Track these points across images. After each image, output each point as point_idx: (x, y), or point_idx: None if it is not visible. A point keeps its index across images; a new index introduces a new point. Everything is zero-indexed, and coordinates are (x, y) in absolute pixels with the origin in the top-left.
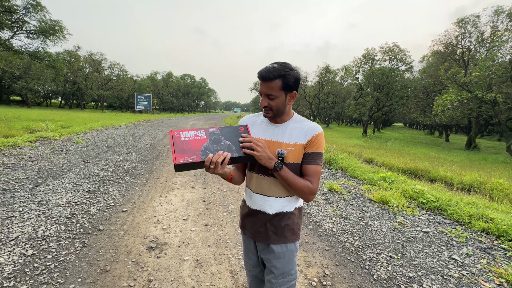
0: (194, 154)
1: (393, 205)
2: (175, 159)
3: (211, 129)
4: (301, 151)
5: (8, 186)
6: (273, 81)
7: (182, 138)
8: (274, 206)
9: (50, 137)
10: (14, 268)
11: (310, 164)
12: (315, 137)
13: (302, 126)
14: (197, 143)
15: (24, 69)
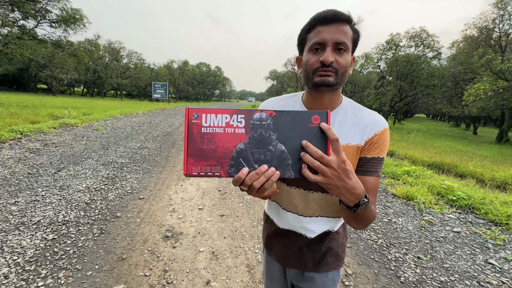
0: (219, 162)
1: (419, 201)
2: (186, 168)
3: (257, 113)
4: (356, 156)
5: (33, 170)
6: (345, 24)
7: (203, 126)
8: (315, 228)
9: (72, 124)
10: (36, 251)
11: (369, 175)
12: (378, 135)
13: (358, 117)
14: (228, 139)
15: (49, 58)
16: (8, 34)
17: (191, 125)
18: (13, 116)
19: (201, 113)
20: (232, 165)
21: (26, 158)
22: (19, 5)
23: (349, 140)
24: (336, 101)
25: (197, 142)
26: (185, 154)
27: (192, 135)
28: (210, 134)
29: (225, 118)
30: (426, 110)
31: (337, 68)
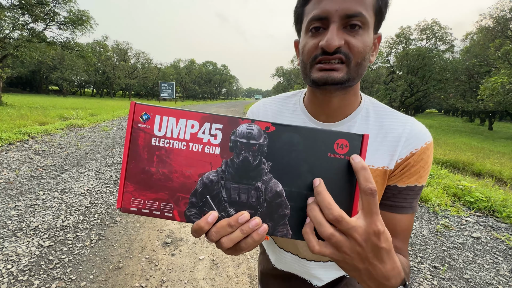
0: (172, 197)
1: (434, 203)
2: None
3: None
4: (381, 183)
5: (36, 173)
6: None
7: (155, 136)
8: (323, 276)
9: (80, 125)
10: (31, 260)
11: (402, 212)
12: (418, 154)
13: (385, 127)
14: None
15: (59, 60)
16: (19, 37)
17: (136, 132)
18: (22, 118)
19: (154, 114)
20: (193, 205)
21: (31, 160)
22: (28, 9)
23: (373, 160)
24: (351, 103)
25: (143, 160)
26: (122, 176)
27: (135, 147)
28: (164, 150)
29: (191, 126)
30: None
31: (349, 54)
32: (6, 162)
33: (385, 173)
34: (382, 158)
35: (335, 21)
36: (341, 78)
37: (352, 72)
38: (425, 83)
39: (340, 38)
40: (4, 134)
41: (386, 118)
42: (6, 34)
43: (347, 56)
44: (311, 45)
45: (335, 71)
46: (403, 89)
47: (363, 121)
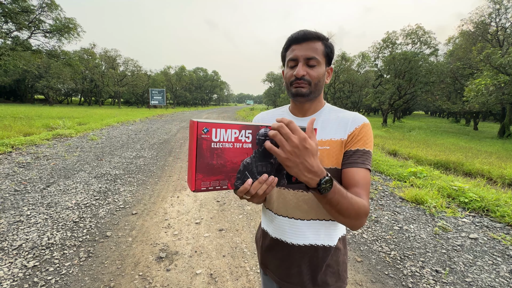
0: (227, 176)
1: (430, 205)
2: (195, 184)
3: (263, 129)
4: (341, 149)
5: (20, 187)
6: (315, 41)
7: (213, 141)
8: (306, 234)
9: (67, 135)
10: (13, 283)
11: (356, 166)
12: (359, 129)
13: (340, 116)
14: (237, 154)
15: (45, 68)
16: (2, 46)
17: (200, 140)
18: (6, 129)
19: (211, 128)
20: (239, 178)
21: (15, 173)
22: (12, 17)
23: (333, 135)
24: (317, 106)
25: (207, 158)
26: (194, 170)
27: (201, 150)
28: (220, 150)
29: (234, 133)
30: (425, 107)
31: (309, 80)
32: None
33: (342, 142)
34: (339, 133)
35: (301, 61)
36: (306, 92)
37: (312, 89)
38: (412, 86)
39: (303, 70)
40: None
41: (340, 112)
42: None
43: (308, 80)
44: (290, 74)
45: (303, 88)
46: (392, 92)
47: (326, 113)
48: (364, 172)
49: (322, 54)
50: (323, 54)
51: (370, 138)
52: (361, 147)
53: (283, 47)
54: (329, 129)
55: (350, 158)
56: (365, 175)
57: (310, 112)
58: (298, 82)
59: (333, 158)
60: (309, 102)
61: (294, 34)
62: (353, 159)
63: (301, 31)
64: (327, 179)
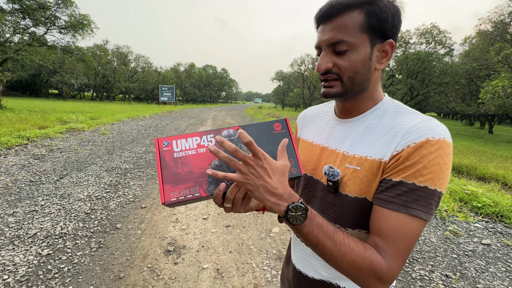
0: (197, 183)
1: (441, 208)
2: (164, 196)
3: (225, 131)
4: (376, 174)
5: (35, 178)
6: (346, 14)
7: (175, 152)
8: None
9: (79, 129)
10: (28, 270)
11: (388, 206)
12: (414, 148)
13: (395, 123)
14: (202, 159)
15: (59, 64)
16: (19, 41)
17: (162, 153)
18: (22, 122)
19: (171, 140)
20: (211, 182)
21: (30, 164)
22: (29, 13)
23: (371, 151)
24: (364, 105)
25: (171, 168)
26: (161, 182)
27: (165, 162)
28: (184, 158)
29: (195, 140)
30: (437, 108)
31: (339, 73)
32: (4, 167)
33: (380, 165)
34: (379, 150)
35: (324, 48)
36: (336, 92)
37: (347, 85)
38: (425, 86)
39: (327, 62)
40: (3, 138)
41: (402, 116)
42: (6, 38)
43: (338, 74)
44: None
45: (331, 88)
46: (403, 92)
47: (376, 117)
48: (402, 220)
49: (359, 29)
50: (361, 28)
51: (436, 167)
52: (411, 180)
53: None
54: (368, 140)
55: (387, 191)
56: (404, 225)
57: (355, 113)
58: (324, 78)
59: (361, 184)
60: (351, 101)
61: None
62: (389, 195)
63: (328, 3)
64: (296, 206)
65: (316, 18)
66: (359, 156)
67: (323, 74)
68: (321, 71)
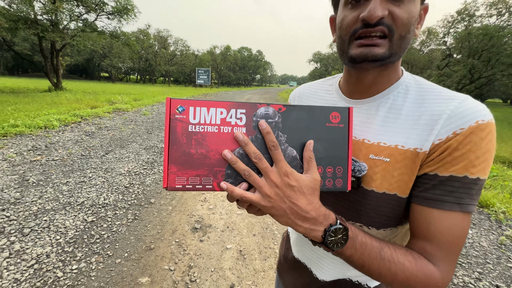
0: (211, 172)
1: (498, 210)
2: (167, 179)
3: (262, 108)
4: (412, 167)
5: (86, 152)
6: None
7: (191, 124)
8: (329, 269)
9: (124, 109)
10: (76, 233)
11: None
12: (463, 135)
13: (425, 104)
14: (224, 141)
15: (108, 49)
16: (75, 28)
17: (174, 122)
18: (77, 102)
19: (188, 106)
20: (229, 175)
21: (82, 140)
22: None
23: (403, 139)
24: (388, 80)
25: (182, 145)
26: (166, 160)
27: (175, 134)
28: (200, 134)
29: (220, 113)
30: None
31: (392, 26)
32: (62, 142)
33: (417, 156)
34: (415, 138)
35: None
36: (383, 54)
37: (395, 47)
38: (490, 68)
39: (383, 8)
40: (62, 116)
41: (430, 95)
42: (64, 25)
43: (390, 28)
44: (351, 18)
45: (376, 47)
46: (461, 75)
47: (400, 97)
48: (457, 219)
49: None
50: None
51: (488, 154)
52: (463, 173)
53: None
54: (395, 126)
55: (435, 189)
56: (458, 223)
57: (374, 90)
58: (369, 30)
59: (391, 178)
60: (378, 71)
61: None
62: (439, 193)
63: None
64: (336, 228)
65: None
66: (387, 145)
67: (371, 26)
68: (375, 19)
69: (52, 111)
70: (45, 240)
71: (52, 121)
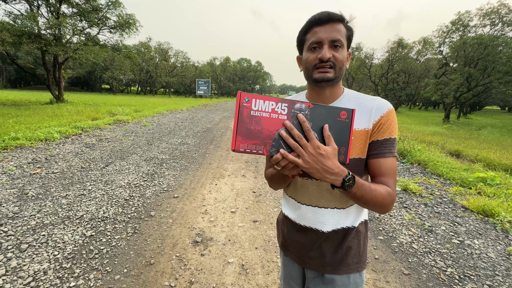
0: (263, 142)
1: (503, 219)
2: (234, 144)
3: (298, 104)
4: (365, 140)
5: (86, 164)
6: (339, 23)
7: (253, 110)
8: (330, 221)
9: (125, 120)
10: (74, 248)
11: (384, 156)
12: (385, 116)
13: (362, 104)
14: (273, 123)
15: (110, 61)
16: (77, 42)
17: (242, 108)
18: (79, 114)
19: (252, 98)
20: (273, 146)
21: (82, 152)
22: (85, 15)
23: (356, 125)
24: (337, 93)
25: (246, 123)
26: (235, 132)
27: (242, 116)
28: (258, 117)
29: (271, 104)
30: (501, 101)
31: (335, 62)
32: (62, 154)
33: (367, 133)
34: (363, 123)
35: (326, 43)
36: (332, 77)
37: (337, 73)
38: (487, 76)
39: (329, 53)
40: (63, 128)
41: (361, 99)
42: (67, 39)
43: (333, 63)
44: (312, 57)
45: (327, 73)
46: (459, 83)
47: (347, 101)
48: (391, 161)
49: (345, 36)
50: (345, 36)
51: (396, 124)
52: (388, 136)
53: (300, 31)
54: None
55: (378, 148)
56: (392, 163)
57: (331, 100)
58: (323, 65)
59: (356, 148)
60: (330, 88)
61: (317, 15)
62: (381, 149)
63: (325, 12)
64: (349, 177)
65: (315, 20)
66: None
67: (325, 62)
68: (326, 59)
69: (53, 123)
70: (42, 256)
71: (52, 133)
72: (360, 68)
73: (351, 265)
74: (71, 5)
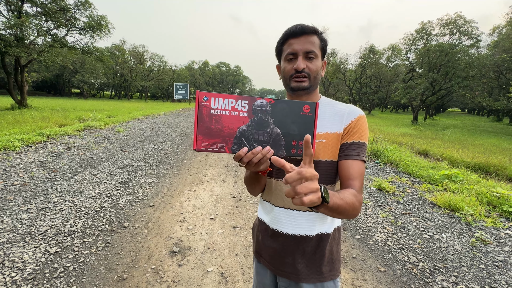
0: (224, 140)
1: (466, 213)
2: (196, 144)
3: (259, 100)
4: (337, 142)
5: (51, 174)
6: (312, 35)
7: (212, 108)
8: (303, 225)
9: (96, 126)
10: (36, 267)
11: (351, 158)
12: (355, 121)
13: (335, 109)
14: (233, 121)
15: (80, 64)
16: (43, 43)
17: (201, 107)
18: (44, 120)
19: (211, 97)
20: (235, 143)
21: (48, 161)
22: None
23: (329, 128)
24: (313, 100)
25: (206, 122)
26: (195, 131)
27: (201, 115)
28: (218, 116)
29: (231, 102)
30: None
31: (309, 73)
32: (24, 164)
33: (338, 136)
34: (335, 127)
35: (300, 55)
36: (307, 86)
37: (312, 82)
38: (448, 80)
39: (303, 64)
40: (25, 136)
41: (336, 105)
42: (31, 40)
43: (308, 73)
44: (289, 67)
45: (303, 82)
46: (424, 87)
47: (322, 107)
48: (359, 164)
49: (318, 47)
50: (319, 47)
51: (366, 130)
52: (357, 140)
53: (278, 42)
54: (325, 122)
55: (346, 150)
56: (360, 167)
57: None
58: (298, 75)
59: (328, 151)
60: (307, 96)
61: (292, 28)
62: (349, 152)
63: (299, 25)
64: (324, 188)
65: (290, 33)
66: (322, 133)
67: (299, 72)
68: (300, 69)
69: (14, 130)
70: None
71: (13, 141)
72: (336, 73)
73: (324, 273)
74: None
